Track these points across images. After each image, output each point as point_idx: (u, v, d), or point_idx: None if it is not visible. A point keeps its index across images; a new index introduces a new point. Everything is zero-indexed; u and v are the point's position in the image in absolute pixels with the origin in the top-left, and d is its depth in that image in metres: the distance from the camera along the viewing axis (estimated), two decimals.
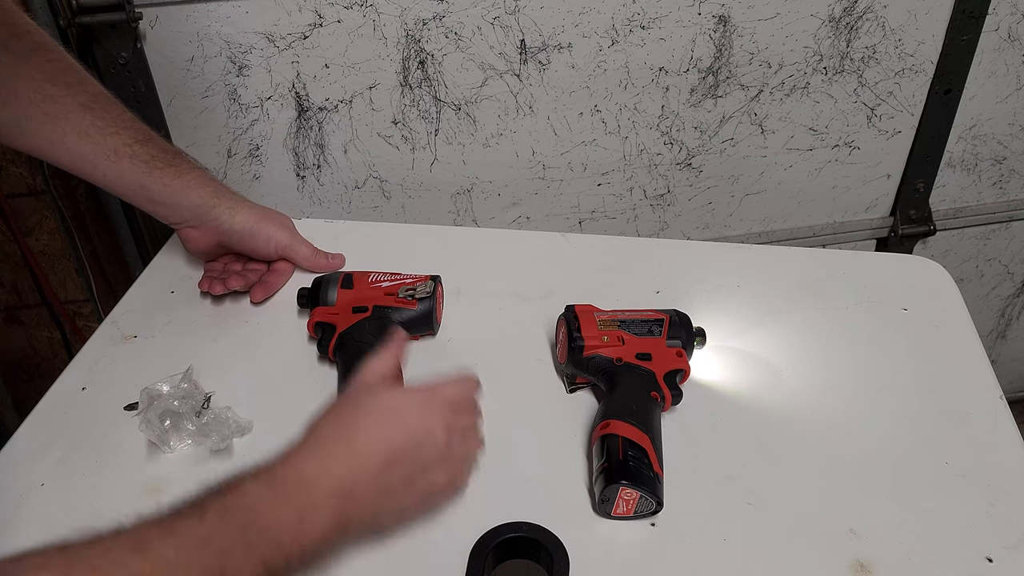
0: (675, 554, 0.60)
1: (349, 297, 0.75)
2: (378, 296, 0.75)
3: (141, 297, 0.83)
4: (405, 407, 0.53)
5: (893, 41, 1.15)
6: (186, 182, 0.78)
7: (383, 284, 0.76)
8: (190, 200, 0.78)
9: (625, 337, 0.70)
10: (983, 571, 0.58)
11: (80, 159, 0.75)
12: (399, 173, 1.15)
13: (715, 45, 1.11)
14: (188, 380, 0.70)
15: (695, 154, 1.21)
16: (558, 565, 0.55)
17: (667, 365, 0.69)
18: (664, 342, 0.71)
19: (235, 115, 1.06)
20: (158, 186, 0.77)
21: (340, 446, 0.50)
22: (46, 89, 0.72)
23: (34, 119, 0.72)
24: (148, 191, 0.77)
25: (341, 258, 0.86)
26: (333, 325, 0.73)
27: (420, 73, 1.07)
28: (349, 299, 0.75)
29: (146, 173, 0.76)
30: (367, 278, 0.77)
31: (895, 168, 1.29)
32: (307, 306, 0.77)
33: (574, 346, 0.70)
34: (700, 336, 0.73)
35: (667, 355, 0.70)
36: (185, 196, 0.78)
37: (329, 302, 0.75)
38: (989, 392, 0.72)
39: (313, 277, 0.78)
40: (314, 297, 0.76)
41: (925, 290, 0.83)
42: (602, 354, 0.69)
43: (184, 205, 0.79)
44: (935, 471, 0.65)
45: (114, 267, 1.21)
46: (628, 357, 0.69)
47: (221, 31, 0.99)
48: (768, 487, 0.64)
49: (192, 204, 0.79)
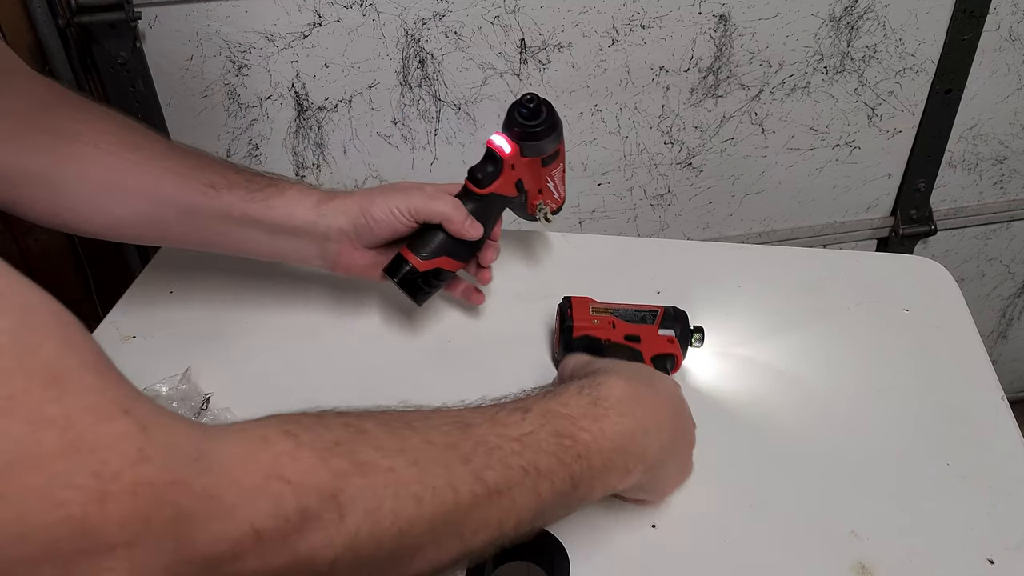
0: (675, 556, 0.59)
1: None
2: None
3: (140, 297, 0.83)
4: (682, 398, 0.60)
5: (894, 41, 1.15)
6: (289, 198, 0.68)
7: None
8: (297, 217, 0.68)
9: (616, 323, 0.70)
10: (984, 572, 0.58)
11: (181, 207, 0.67)
12: (399, 173, 1.15)
13: (715, 44, 1.11)
14: (187, 381, 0.70)
15: (695, 154, 1.21)
16: (558, 567, 0.55)
17: (656, 349, 0.69)
18: (656, 329, 0.70)
19: (234, 115, 1.06)
20: (263, 211, 0.67)
21: (646, 399, 0.54)
22: (127, 138, 0.67)
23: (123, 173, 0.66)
24: (256, 221, 0.68)
25: (479, 228, 0.72)
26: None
27: (420, 73, 1.06)
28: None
29: (246, 200, 0.67)
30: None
31: (896, 168, 1.29)
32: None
33: (564, 327, 0.70)
34: (698, 333, 0.72)
35: (657, 340, 0.70)
36: (289, 215, 0.68)
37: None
38: (990, 392, 0.72)
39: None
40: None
41: (926, 290, 0.83)
42: (591, 335, 0.69)
43: (293, 226, 0.68)
44: (936, 472, 0.65)
45: (113, 267, 1.21)
46: (617, 338, 0.69)
47: (220, 31, 0.99)
48: (769, 488, 0.64)
49: (303, 221, 0.68)
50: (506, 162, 0.71)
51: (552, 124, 0.71)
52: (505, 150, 0.71)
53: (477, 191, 0.71)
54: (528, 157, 0.72)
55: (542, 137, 0.71)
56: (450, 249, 0.71)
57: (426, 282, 0.71)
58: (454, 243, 0.71)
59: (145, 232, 0.70)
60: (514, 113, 0.70)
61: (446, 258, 0.71)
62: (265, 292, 0.82)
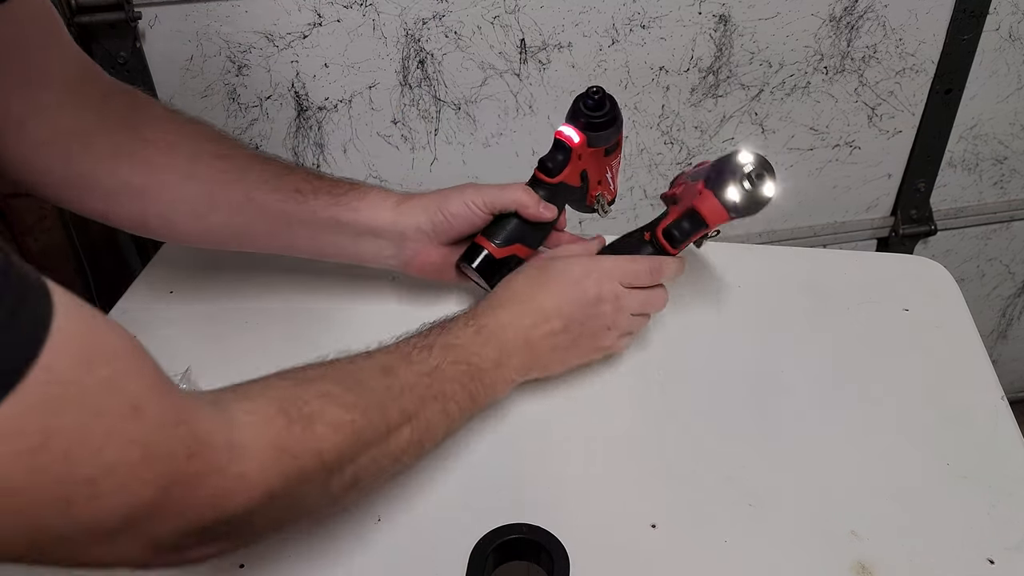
0: (675, 556, 0.59)
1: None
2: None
3: (140, 297, 0.83)
4: (584, 278, 0.66)
5: (894, 41, 1.15)
6: (371, 201, 0.72)
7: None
8: (380, 218, 0.72)
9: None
10: (984, 572, 0.58)
11: (272, 214, 0.70)
12: (399, 173, 1.15)
13: (715, 44, 1.11)
14: (187, 380, 0.70)
15: (695, 153, 1.21)
16: (558, 567, 0.55)
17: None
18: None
19: (234, 115, 1.06)
20: (349, 214, 0.71)
21: (528, 304, 0.65)
22: (217, 147, 0.70)
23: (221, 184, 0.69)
24: (342, 224, 0.71)
25: (553, 210, 0.75)
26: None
27: (420, 73, 1.06)
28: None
29: (332, 205, 0.70)
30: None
31: (896, 168, 1.29)
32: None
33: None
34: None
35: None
36: (372, 218, 0.71)
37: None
38: (990, 392, 0.72)
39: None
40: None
41: (926, 290, 0.83)
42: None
43: (377, 227, 0.72)
44: (936, 472, 0.65)
45: (113, 267, 1.21)
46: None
47: (220, 30, 0.99)
48: (768, 488, 0.64)
49: (385, 222, 0.72)
50: (575, 151, 0.74)
51: (615, 115, 0.74)
52: (574, 140, 0.74)
53: (547, 180, 0.74)
54: (593, 147, 0.75)
55: (606, 127, 0.74)
56: (524, 236, 0.74)
57: (501, 269, 0.74)
58: (527, 230, 0.74)
59: (233, 238, 0.73)
60: (579, 105, 0.73)
61: (520, 245, 0.74)
62: (265, 292, 0.82)
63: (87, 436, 0.35)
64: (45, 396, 0.33)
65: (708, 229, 0.70)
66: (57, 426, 0.34)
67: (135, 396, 0.38)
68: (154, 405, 0.39)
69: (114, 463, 0.36)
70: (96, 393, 0.36)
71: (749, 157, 0.67)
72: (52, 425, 0.34)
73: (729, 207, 0.68)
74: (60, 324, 0.34)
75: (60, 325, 0.34)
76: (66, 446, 0.34)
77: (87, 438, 0.35)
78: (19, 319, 0.33)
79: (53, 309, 0.34)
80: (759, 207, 0.68)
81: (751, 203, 0.67)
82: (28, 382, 0.32)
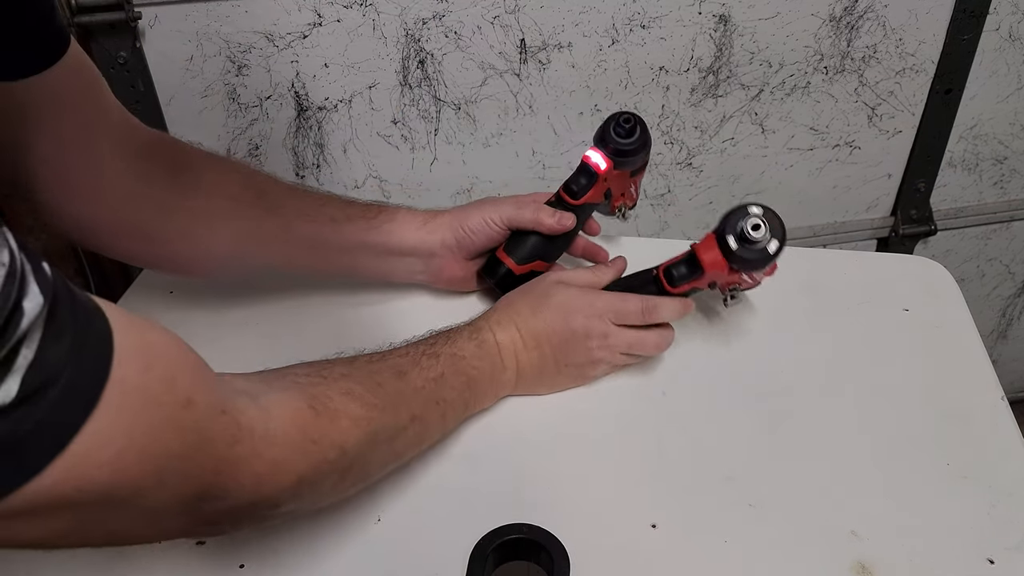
0: (675, 556, 0.59)
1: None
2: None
3: (140, 297, 0.83)
4: (576, 312, 0.69)
5: (894, 41, 1.15)
6: (401, 222, 0.75)
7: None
8: (410, 238, 0.75)
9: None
10: (984, 572, 0.58)
11: (309, 243, 0.73)
12: (399, 173, 1.15)
13: (715, 44, 1.11)
14: None
15: (695, 154, 1.21)
16: (558, 567, 0.55)
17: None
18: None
19: (234, 114, 1.06)
20: (382, 237, 0.75)
21: (523, 328, 0.68)
22: (255, 185, 0.73)
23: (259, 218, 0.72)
24: (375, 247, 0.75)
25: (573, 219, 0.77)
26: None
27: (420, 72, 1.06)
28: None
29: (366, 229, 0.74)
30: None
31: (896, 168, 1.29)
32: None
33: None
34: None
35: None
36: (403, 238, 0.75)
37: None
38: (990, 392, 0.72)
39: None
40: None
41: (926, 290, 0.83)
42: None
43: (407, 246, 0.75)
44: (936, 472, 0.65)
45: (113, 267, 1.21)
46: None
47: (220, 30, 0.99)
48: (769, 488, 0.64)
49: (415, 241, 0.75)
50: (601, 177, 0.75)
51: (644, 141, 0.75)
52: (601, 167, 0.75)
53: (571, 202, 0.76)
54: (620, 171, 0.76)
55: (636, 154, 0.75)
56: (543, 252, 0.77)
57: (520, 282, 0.76)
58: (546, 246, 0.77)
59: (272, 268, 0.76)
60: (609, 130, 0.74)
61: (539, 261, 0.77)
62: (265, 292, 0.82)
63: (157, 432, 0.39)
64: (121, 406, 0.37)
65: (705, 275, 0.68)
66: (133, 428, 0.38)
67: (188, 389, 0.41)
68: (203, 396, 0.42)
69: (178, 452, 0.40)
70: (158, 393, 0.39)
71: (758, 210, 0.65)
72: (130, 429, 0.37)
73: (727, 255, 0.66)
74: (119, 340, 0.37)
75: (119, 340, 0.37)
76: (142, 444, 0.38)
77: (157, 434, 0.39)
78: (89, 344, 0.36)
79: (111, 327, 0.37)
80: (761, 262, 0.66)
81: (751, 255, 0.65)
82: (106, 397, 0.36)
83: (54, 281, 0.35)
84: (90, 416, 0.35)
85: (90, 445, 0.35)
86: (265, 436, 0.46)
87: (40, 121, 0.59)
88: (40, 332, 0.33)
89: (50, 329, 0.33)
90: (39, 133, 0.60)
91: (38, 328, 0.33)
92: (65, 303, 0.35)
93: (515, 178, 1.17)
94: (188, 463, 0.41)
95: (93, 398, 0.35)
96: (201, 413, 0.42)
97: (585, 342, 0.69)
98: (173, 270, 0.76)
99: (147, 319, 0.42)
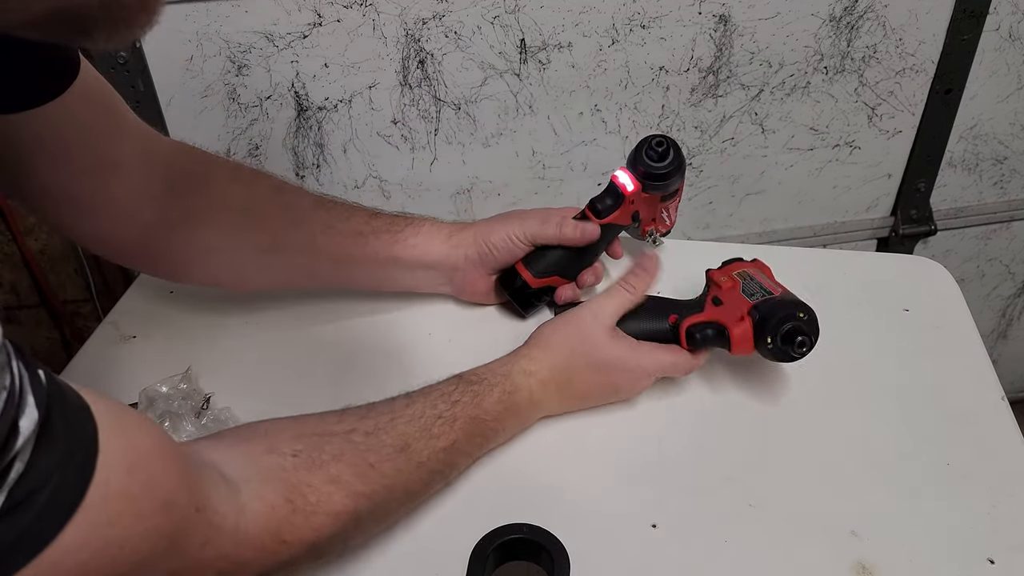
0: (675, 556, 0.59)
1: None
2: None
3: (140, 297, 0.83)
4: (620, 371, 0.67)
5: (894, 41, 1.15)
6: (426, 235, 0.75)
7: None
8: (435, 252, 0.75)
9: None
10: (985, 572, 0.58)
11: (335, 256, 0.73)
12: (399, 173, 1.15)
13: (715, 44, 1.11)
14: (187, 380, 0.70)
15: (695, 154, 1.21)
16: (558, 567, 0.55)
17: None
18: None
19: (234, 115, 1.06)
20: (407, 251, 0.74)
21: (565, 390, 0.67)
22: (281, 198, 0.73)
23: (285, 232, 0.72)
24: (400, 260, 0.74)
25: (596, 229, 0.76)
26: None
27: (420, 72, 1.06)
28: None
29: (391, 243, 0.73)
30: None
31: (896, 168, 1.29)
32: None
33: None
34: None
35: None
36: (427, 252, 0.75)
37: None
38: (991, 392, 0.72)
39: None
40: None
41: (926, 290, 0.83)
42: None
43: (432, 260, 0.75)
44: (936, 472, 0.65)
45: (113, 267, 1.21)
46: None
47: (220, 30, 0.99)
48: (769, 488, 0.64)
49: (440, 254, 0.75)
50: (627, 198, 0.75)
51: (678, 165, 0.74)
52: (628, 188, 0.74)
53: (596, 221, 0.75)
54: (649, 194, 0.75)
55: (667, 179, 0.74)
56: (562, 268, 0.76)
57: (536, 297, 0.76)
58: (566, 261, 0.76)
59: (299, 281, 0.77)
60: (641, 154, 0.73)
61: (557, 277, 0.76)
62: (264, 292, 0.82)
63: (131, 538, 0.38)
64: (101, 511, 0.36)
65: (729, 350, 0.67)
66: (109, 536, 0.37)
67: (168, 492, 0.41)
68: (182, 497, 0.42)
69: (147, 558, 0.39)
70: (139, 498, 0.39)
71: (803, 324, 0.64)
72: (106, 535, 0.37)
73: (760, 351, 0.66)
74: (105, 438, 0.37)
75: (105, 439, 0.37)
76: (113, 552, 0.37)
77: (131, 541, 0.38)
78: (74, 444, 0.36)
79: (97, 425, 0.37)
80: (784, 361, 0.67)
81: (781, 358, 0.66)
82: (88, 501, 0.35)
83: (48, 388, 0.34)
84: (70, 521, 0.35)
85: (64, 552, 0.35)
86: (235, 536, 0.46)
87: (48, 154, 0.58)
88: (32, 445, 0.33)
89: (42, 441, 0.33)
90: (47, 169, 0.59)
91: (31, 442, 0.33)
92: (58, 409, 0.35)
93: (515, 178, 1.18)
94: (154, 568, 0.41)
95: (76, 501, 0.35)
96: (178, 515, 0.41)
97: (617, 394, 0.70)
98: (200, 282, 0.76)
99: (134, 414, 0.42)
